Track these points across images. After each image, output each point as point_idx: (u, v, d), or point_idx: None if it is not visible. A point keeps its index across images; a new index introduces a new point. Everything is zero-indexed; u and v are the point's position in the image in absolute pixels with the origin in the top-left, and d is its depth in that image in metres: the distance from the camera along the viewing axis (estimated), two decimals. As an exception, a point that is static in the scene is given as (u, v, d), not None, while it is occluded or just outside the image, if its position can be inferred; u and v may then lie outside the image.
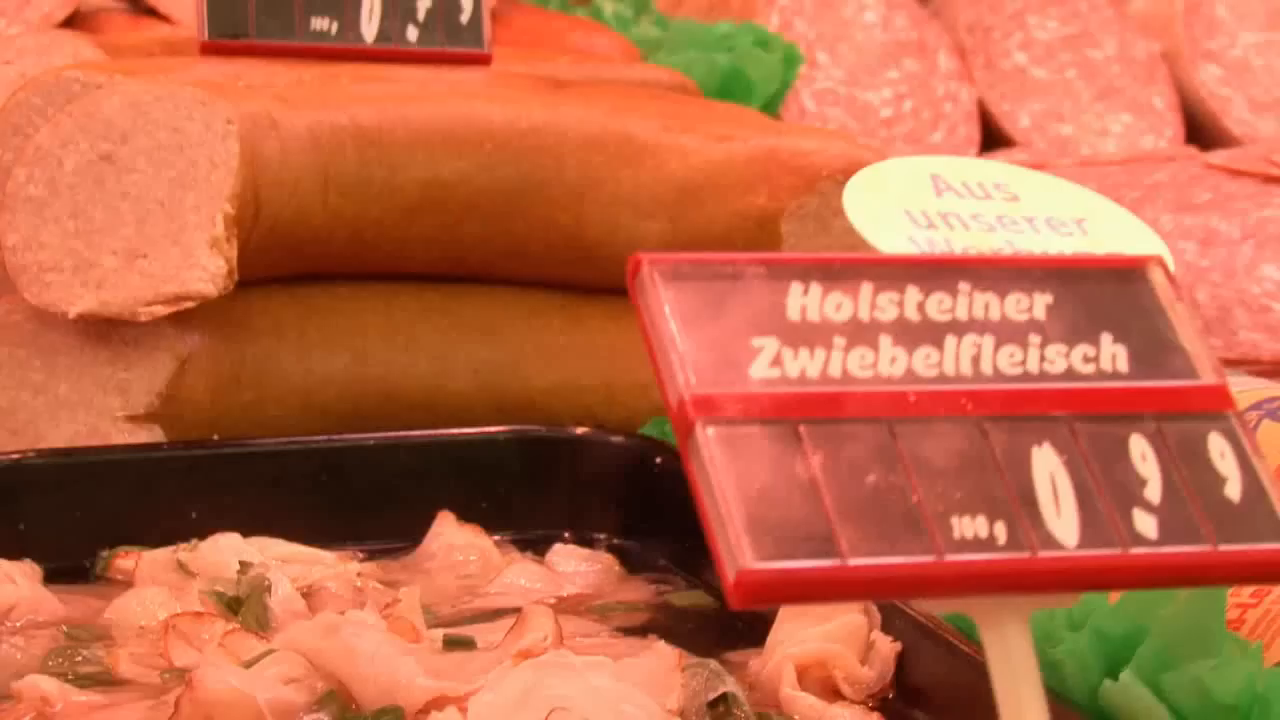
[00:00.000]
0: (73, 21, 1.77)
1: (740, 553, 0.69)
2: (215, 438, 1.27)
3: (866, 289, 0.78)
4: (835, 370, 0.75)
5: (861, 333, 0.77)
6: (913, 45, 1.94)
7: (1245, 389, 1.26)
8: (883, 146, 1.92)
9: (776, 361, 0.75)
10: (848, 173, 1.30)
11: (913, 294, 0.78)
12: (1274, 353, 1.52)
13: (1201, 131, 2.07)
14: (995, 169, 0.91)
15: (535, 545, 1.25)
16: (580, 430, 1.28)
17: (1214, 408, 0.80)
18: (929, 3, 2.09)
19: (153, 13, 1.86)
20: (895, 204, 0.87)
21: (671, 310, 0.75)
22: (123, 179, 1.24)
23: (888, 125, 1.90)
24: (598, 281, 1.34)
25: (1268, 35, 2.12)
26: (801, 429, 0.73)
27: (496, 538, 1.24)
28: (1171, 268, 0.86)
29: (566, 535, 1.27)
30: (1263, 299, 1.53)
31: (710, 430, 0.72)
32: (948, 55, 1.97)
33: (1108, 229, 0.91)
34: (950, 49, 1.98)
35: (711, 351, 0.74)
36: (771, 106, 1.79)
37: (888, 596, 0.72)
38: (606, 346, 1.36)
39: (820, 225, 1.29)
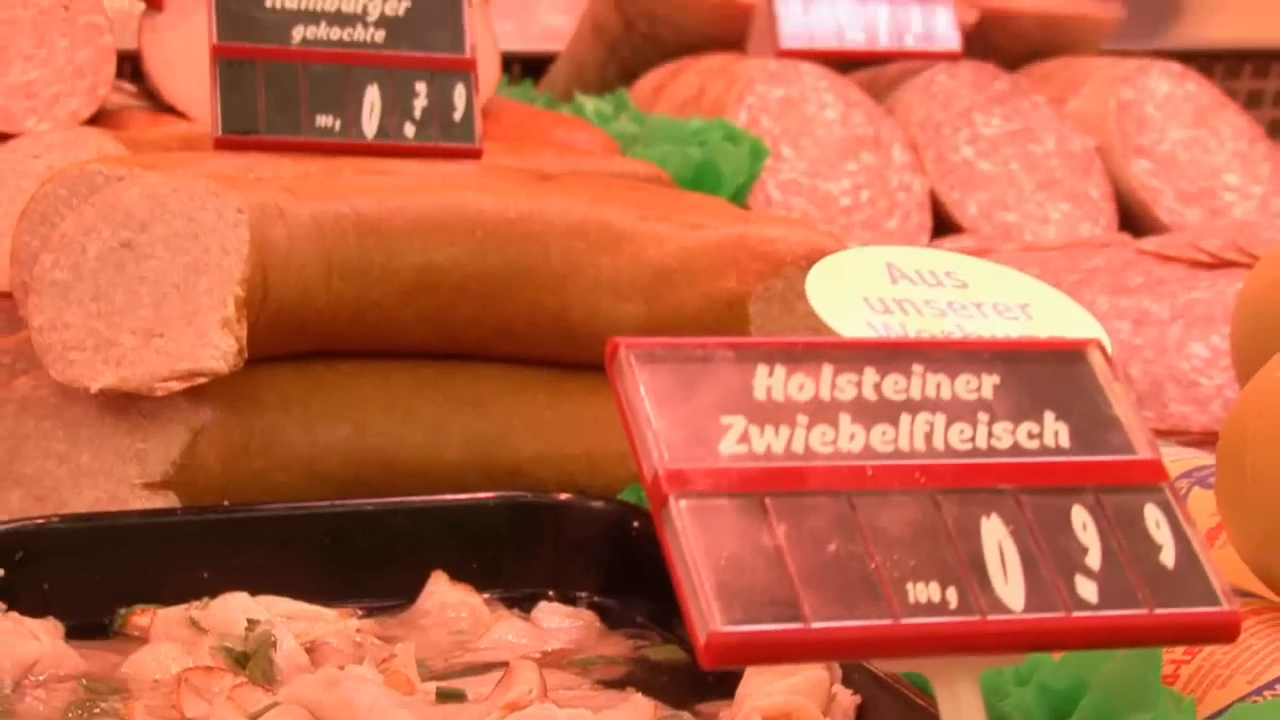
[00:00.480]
0: (97, 119, 1.77)
1: (711, 616, 0.69)
2: (226, 503, 1.26)
3: (827, 370, 0.77)
4: (798, 446, 0.75)
5: (823, 411, 0.76)
6: (869, 140, 1.94)
7: (1176, 459, 1.26)
8: (842, 233, 1.92)
9: (744, 438, 0.75)
10: (810, 258, 1.30)
11: (870, 375, 0.78)
12: (1202, 424, 1.52)
13: (1134, 220, 2.07)
14: (945, 258, 0.91)
15: (522, 603, 1.25)
16: (564, 496, 1.27)
17: (1150, 481, 0.80)
18: (884, 101, 2.08)
19: (171, 110, 1.86)
20: (854, 291, 0.86)
21: (646, 390, 0.74)
22: (141, 264, 1.23)
23: (847, 213, 1.89)
24: (580, 358, 1.34)
25: (1193, 132, 2.13)
26: (767, 501, 0.73)
27: (486, 596, 1.23)
28: (1109, 350, 0.86)
29: (550, 594, 1.26)
30: (1191, 374, 1.53)
31: (682, 503, 0.72)
32: (901, 149, 1.97)
33: (1050, 313, 0.90)
34: (904, 143, 1.98)
35: (683, 429, 0.74)
36: (740, 196, 1.79)
37: (848, 658, 0.72)
38: (588, 418, 1.36)
39: (785, 307, 1.28)
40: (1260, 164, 2.16)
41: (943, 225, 2.00)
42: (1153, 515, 0.78)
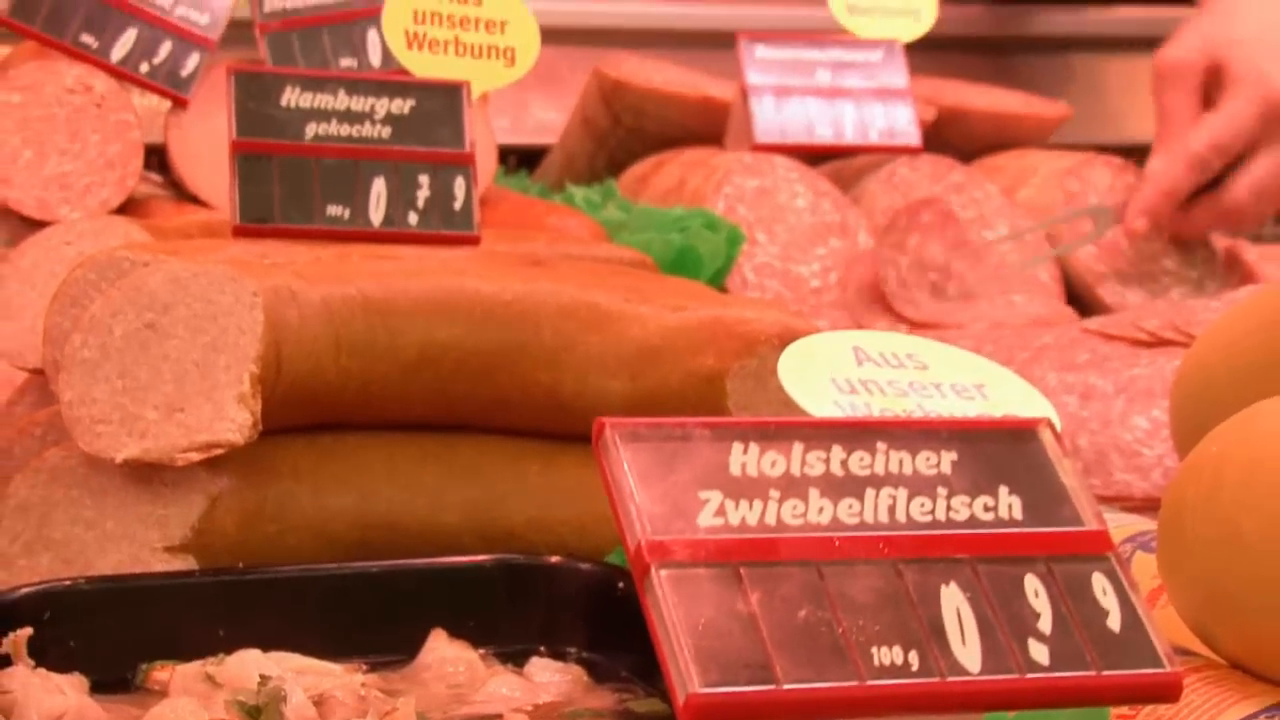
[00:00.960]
0: (126, 207, 1.77)
1: (689, 679, 0.68)
2: (241, 566, 1.25)
3: (798, 448, 0.77)
4: (771, 519, 0.75)
5: (793, 486, 0.76)
6: (837, 227, 1.94)
7: (1121, 524, 1.26)
8: (812, 313, 1.92)
9: (720, 511, 0.74)
10: (782, 338, 1.30)
11: (837, 452, 0.78)
12: (1144, 491, 1.51)
13: (1080, 301, 2.07)
14: (907, 342, 0.90)
15: (515, 658, 1.24)
16: (554, 559, 1.26)
17: (1096, 550, 0.80)
18: (850, 191, 2.09)
19: (194, 199, 1.86)
20: (823, 372, 0.86)
21: (630, 467, 0.74)
22: (164, 344, 1.23)
23: (816, 294, 1.90)
24: (570, 430, 1.33)
25: (1130, 221, 2.13)
26: (742, 570, 0.73)
27: (482, 651, 1.22)
28: (1058, 427, 0.85)
29: (542, 649, 1.25)
30: (1134, 445, 1.52)
31: (663, 572, 0.71)
32: (866, 235, 1.98)
33: (1004, 393, 0.90)
34: (869, 230, 1.99)
35: (664, 503, 0.74)
36: (718, 279, 1.79)
37: (818, 717, 0.71)
38: (578, 485, 1.35)
39: (759, 383, 1.28)
40: (1195, 251, 2.16)
41: (904, 305, 1.99)
42: (1099, 583, 0.78)
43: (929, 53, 2.34)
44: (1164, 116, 2.17)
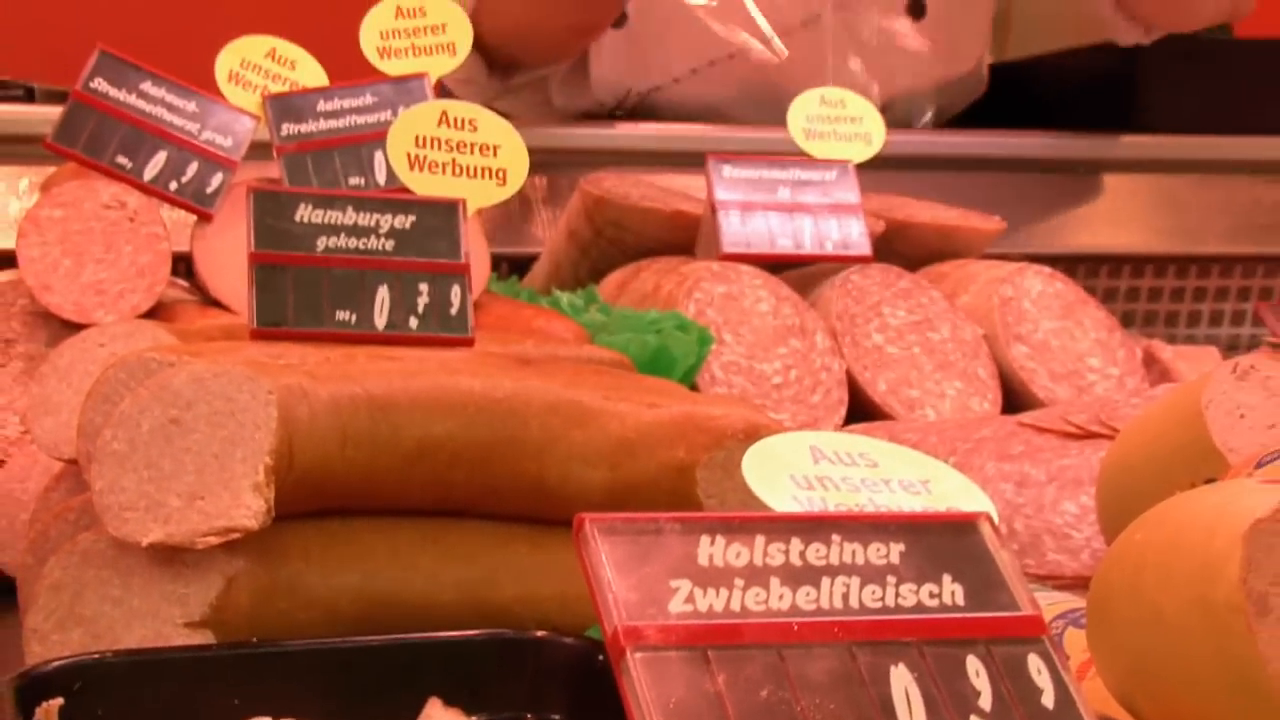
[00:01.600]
0: (154, 312, 1.76)
1: (661, 754, 0.67)
2: (255, 640, 1.24)
3: (760, 540, 0.77)
4: (736, 606, 0.75)
5: (756, 575, 0.76)
6: (796, 329, 1.94)
7: (1053, 601, 1.25)
8: (774, 407, 1.91)
9: (690, 599, 0.74)
10: (747, 432, 1.29)
11: (796, 544, 0.77)
12: (1074, 570, 1.50)
13: (1014, 396, 2.07)
14: (859, 442, 0.90)
15: (505, 725, 1.23)
16: (540, 634, 1.25)
17: (1032, 634, 0.79)
18: (808, 296, 2.09)
19: (216, 304, 1.85)
20: (782, 470, 0.85)
21: (607, 558, 0.74)
22: (186, 438, 1.22)
23: (778, 390, 1.89)
24: (555, 515, 1.32)
25: (1061, 323, 2.14)
26: (710, 653, 0.72)
27: (474, 718, 1.21)
28: (995, 519, 0.85)
29: (529, 717, 1.24)
30: (1064, 528, 1.52)
31: (637, 655, 0.71)
32: (823, 336, 1.97)
33: (946, 487, 0.89)
34: (825, 331, 1.99)
35: (638, 591, 0.73)
36: (689, 376, 1.79)
37: (779, 789, 0.70)
38: (562, 565, 1.33)
39: (726, 473, 1.28)
40: (1116, 350, 2.17)
41: (857, 399, 1.99)
42: (1035, 663, 0.78)
43: (879, 172, 2.34)
44: None
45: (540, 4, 2.78)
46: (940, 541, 0.80)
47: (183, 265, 1.95)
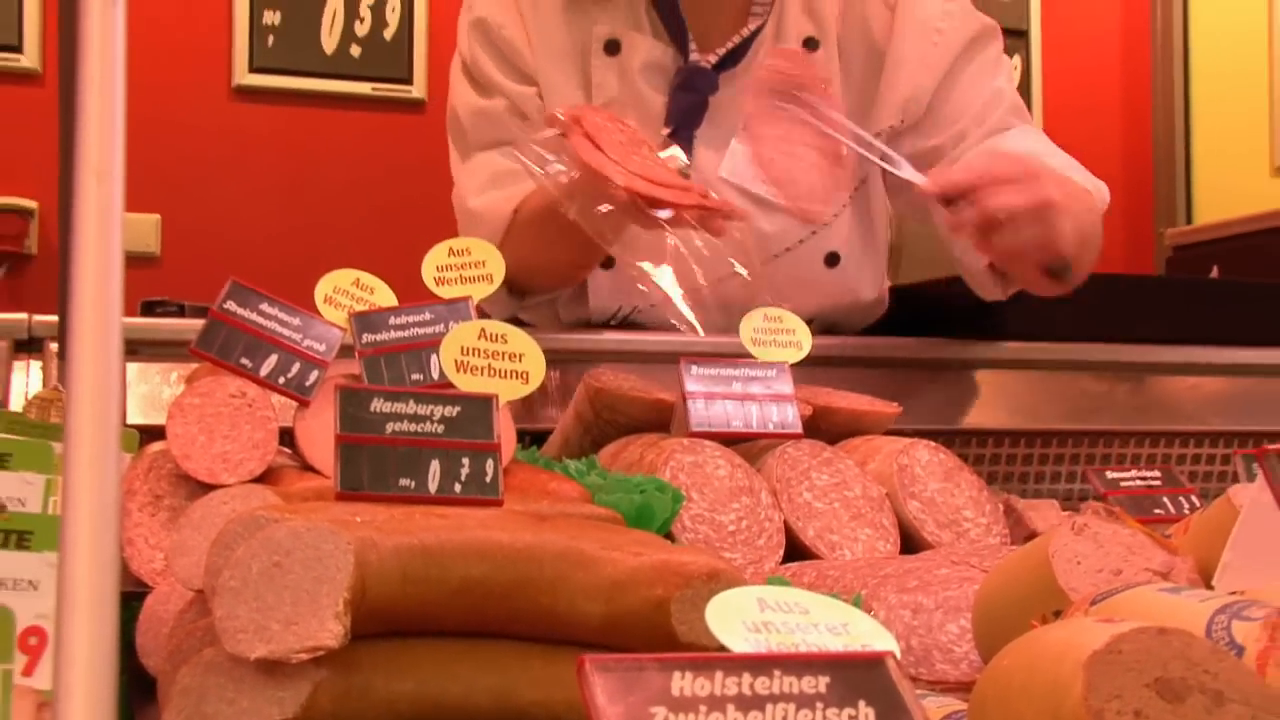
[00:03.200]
0: (265, 476, 1.75)
1: (642, 846, 0.64)
2: (334, 733, 1.21)
3: (719, 674, 0.75)
4: (700, 727, 0.72)
5: (716, 703, 0.74)
6: (746, 489, 1.92)
7: (941, 704, 1.22)
8: (730, 549, 1.89)
9: (664, 722, 0.71)
10: (709, 575, 1.27)
11: (746, 677, 0.76)
12: (957, 677, 1.48)
13: (910, 540, 2.05)
14: (795, 593, 0.88)
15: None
16: (552, 731, 1.22)
17: (926, 747, 0.76)
18: (755, 464, 2.07)
19: (311, 469, 1.84)
20: (736, 617, 0.84)
21: (600, 689, 0.72)
22: (285, 577, 1.20)
23: (732, 535, 1.87)
24: (564, 637, 1.31)
25: (944, 484, 2.13)
26: (680, 764, 0.69)
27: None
28: (898, 655, 0.82)
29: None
30: (948, 645, 1.49)
31: (624, 765, 0.68)
32: (766, 494, 1.96)
33: (861, 629, 0.87)
34: (768, 490, 1.97)
35: (625, 716, 0.71)
36: (665, 526, 1.77)
37: None
38: (569, 676, 1.28)
39: (694, 607, 1.26)
40: (985, 504, 2.15)
41: (792, 542, 1.97)
42: (928, 770, 0.75)
43: (808, 369, 2.35)
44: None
45: (543, 250, 2.81)
46: (857, 674, 0.78)
47: (287, 438, 1.93)
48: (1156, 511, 2.08)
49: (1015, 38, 8.06)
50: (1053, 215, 2.38)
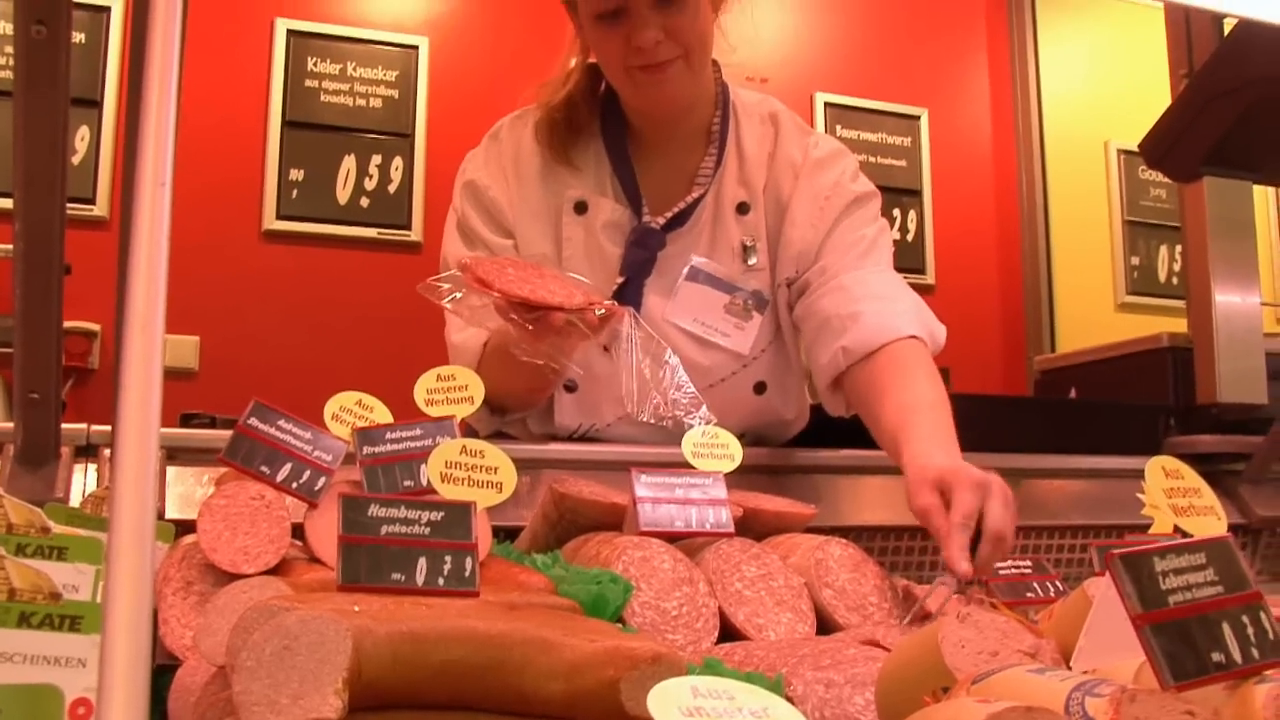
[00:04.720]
0: (279, 567, 1.72)
1: None
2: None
3: (657, 753, 0.73)
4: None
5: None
6: (687, 579, 1.91)
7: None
8: (672, 631, 1.87)
9: (610, 796, 0.70)
10: (654, 657, 1.26)
11: (679, 757, 0.74)
12: (867, 743, 1.45)
13: (825, 623, 2.04)
14: (724, 684, 0.87)
15: None
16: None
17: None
18: (694, 558, 2.06)
19: (319, 561, 1.81)
20: (673, 702, 0.83)
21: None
22: (294, 659, 1.18)
23: (674, 619, 1.85)
24: (530, 712, 1.29)
25: (853, 574, 2.13)
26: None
27: None
28: (808, 734, 0.82)
29: None
30: (856, 715, 1.48)
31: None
32: (704, 585, 1.95)
33: (779, 714, 0.86)
34: (705, 581, 1.96)
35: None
36: (617, 613, 1.75)
37: None
38: (533, 743, 1.29)
39: (640, 686, 1.25)
40: (887, 591, 2.15)
41: (725, 625, 1.95)
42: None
43: (739, 476, 2.34)
44: (935, 527, 2.18)
45: (504, 379, 2.81)
46: (773, 752, 0.78)
47: (298, 534, 1.91)
48: (1028, 594, 2.08)
49: (910, 196, 8.22)
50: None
